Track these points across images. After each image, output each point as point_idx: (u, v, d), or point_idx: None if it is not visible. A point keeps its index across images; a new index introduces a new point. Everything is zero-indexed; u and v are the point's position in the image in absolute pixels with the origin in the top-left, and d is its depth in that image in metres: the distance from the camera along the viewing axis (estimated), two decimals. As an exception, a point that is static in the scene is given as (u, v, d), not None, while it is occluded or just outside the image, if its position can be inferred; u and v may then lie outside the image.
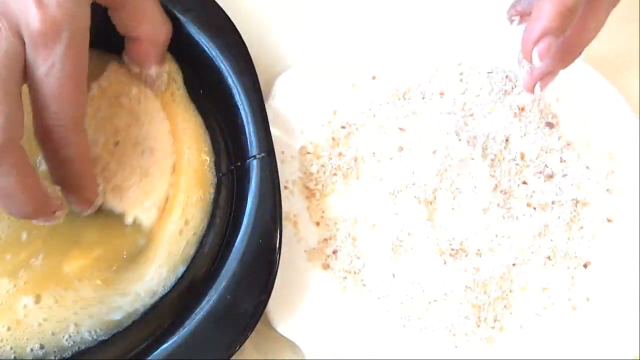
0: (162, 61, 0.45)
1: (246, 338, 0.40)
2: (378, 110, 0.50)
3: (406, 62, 0.51)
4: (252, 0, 0.53)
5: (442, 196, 0.48)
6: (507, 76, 0.50)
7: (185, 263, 0.43)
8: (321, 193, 0.48)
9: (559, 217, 0.47)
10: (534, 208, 0.48)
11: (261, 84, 0.44)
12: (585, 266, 0.46)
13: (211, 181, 0.44)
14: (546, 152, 0.49)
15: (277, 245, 0.41)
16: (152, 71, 0.44)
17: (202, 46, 0.45)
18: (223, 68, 0.44)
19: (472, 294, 0.45)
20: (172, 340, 0.39)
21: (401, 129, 0.49)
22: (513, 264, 0.46)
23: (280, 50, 0.52)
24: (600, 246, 0.47)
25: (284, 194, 0.46)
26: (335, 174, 0.48)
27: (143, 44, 0.43)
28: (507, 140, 0.49)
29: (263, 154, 0.42)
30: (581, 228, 0.47)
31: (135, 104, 0.44)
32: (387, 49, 0.51)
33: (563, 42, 0.41)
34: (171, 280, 0.42)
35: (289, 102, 0.49)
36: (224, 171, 0.44)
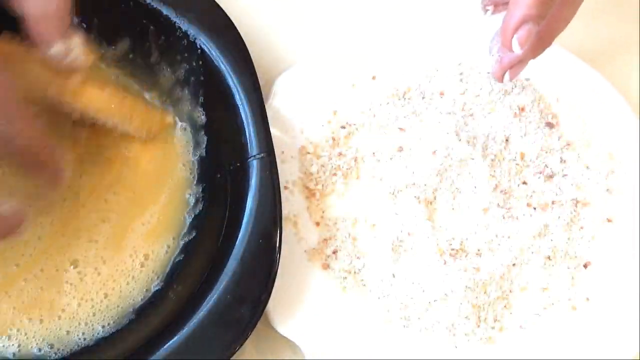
0: (65, 34, 0.39)
1: (246, 338, 0.40)
2: (378, 110, 0.50)
3: (406, 62, 0.51)
4: (252, 0, 0.53)
5: (442, 196, 0.48)
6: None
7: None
8: (321, 193, 0.48)
9: (559, 217, 0.47)
10: (534, 208, 0.48)
11: (261, 84, 0.44)
12: (585, 266, 0.46)
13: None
14: (546, 152, 0.49)
15: (277, 245, 0.41)
16: (55, 49, 0.39)
17: (202, 46, 0.45)
18: (223, 68, 0.44)
19: (472, 294, 0.45)
20: (172, 340, 0.39)
21: (401, 129, 0.49)
22: (513, 264, 0.46)
23: (280, 50, 0.52)
24: (600, 246, 0.47)
25: (284, 194, 0.46)
26: (335, 174, 0.48)
27: (34, 20, 0.38)
28: (507, 140, 0.49)
29: (263, 154, 0.42)
30: (581, 228, 0.47)
31: None
32: (387, 49, 0.51)
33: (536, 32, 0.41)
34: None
35: (289, 102, 0.49)
36: (224, 171, 0.44)
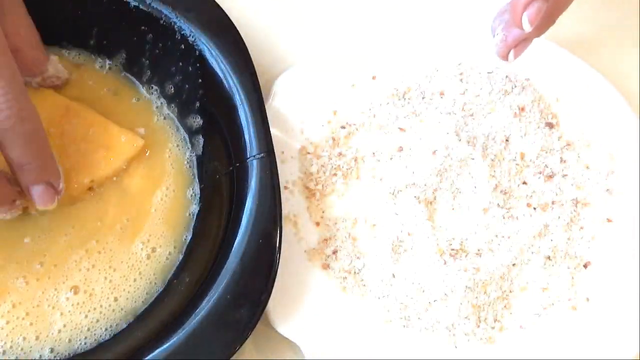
0: (46, 55, 0.42)
1: (246, 338, 0.40)
2: (378, 110, 0.50)
3: (406, 62, 0.51)
4: (252, 0, 0.53)
5: (442, 196, 0.48)
6: (507, 76, 0.50)
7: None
8: (321, 193, 0.48)
9: (559, 217, 0.47)
10: (534, 208, 0.48)
11: (261, 84, 0.44)
12: (585, 266, 0.46)
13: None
14: (546, 152, 0.49)
15: (277, 245, 0.41)
16: (51, 70, 0.42)
17: (202, 46, 0.45)
18: (223, 68, 0.44)
19: (472, 294, 0.45)
20: (172, 340, 0.39)
21: (401, 129, 0.49)
22: (513, 264, 0.46)
23: (280, 50, 0.52)
24: (600, 246, 0.47)
25: (284, 194, 0.46)
26: (335, 174, 0.48)
27: (28, 52, 0.41)
28: (507, 140, 0.49)
29: (263, 154, 0.42)
30: (581, 228, 0.47)
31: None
32: (387, 49, 0.51)
33: None
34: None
35: (289, 102, 0.49)
36: (224, 171, 0.44)
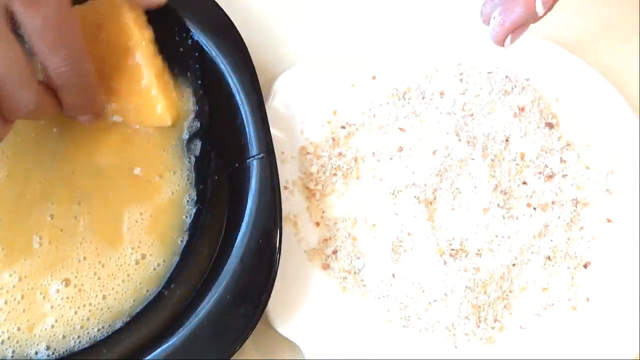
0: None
1: (246, 338, 0.40)
2: (378, 110, 0.50)
3: (406, 62, 0.51)
4: (252, 0, 0.53)
5: (442, 196, 0.48)
6: (507, 76, 0.50)
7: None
8: (321, 193, 0.48)
9: (559, 217, 0.47)
10: (534, 208, 0.48)
11: (261, 84, 0.44)
12: (585, 266, 0.46)
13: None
14: (546, 152, 0.49)
15: (277, 245, 0.41)
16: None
17: (202, 46, 0.45)
18: (223, 68, 0.44)
19: (472, 294, 0.45)
20: (172, 340, 0.39)
21: (401, 129, 0.49)
22: (513, 264, 0.46)
23: (280, 50, 0.52)
24: (600, 246, 0.47)
25: (284, 194, 0.46)
26: (335, 174, 0.48)
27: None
28: (507, 140, 0.49)
29: (263, 154, 0.42)
30: (581, 228, 0.47)
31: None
32: (387, 49, 0.51)
33: None
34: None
35: (289, 102, 0.49)
36: (224, 171, 0.44)
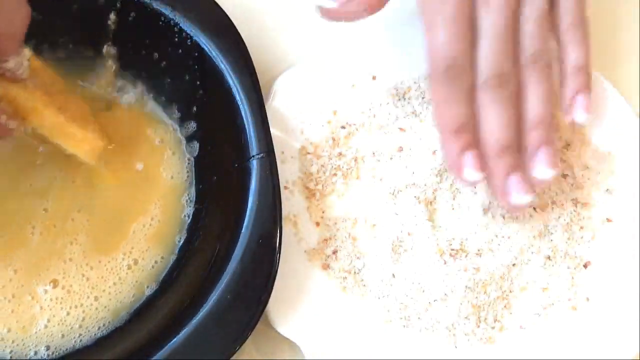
0: (20, 48, 0.40)
1: (246, 338, 0.40)
2: (378, 110, 0.50)
3: (406, 62, 0.51)
4: (253, 0, 0.53)
5: (442, 196, 0.48)
6: (507, 76, 0.50)
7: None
8: (321, 193, 0.48)
9: (559, 217, 0.47)
10: (534, 208, 0.47)
11: (261, 84, 0.44)
12: (585, 266, 0.46)
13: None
14: (546, 152, 0.49)
15: (277, 245, 0.41)
16: (11, 63, 0.40)
17: (202, 46, 0.45)
18: (223, 68, 0.44)
19: (472, 294, 0.45)
20: (173, 340, 0.39)
21: (401, 129, 0.49)
22: (513, 264, 0.46)
23: (280, 50, 0.52)
24: (600, 246, 0.47)
25: (284, 194, 0.46)
26: (335, 174, 0.48)
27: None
28: (507, 140, 0.49)
29: (263, 154, 0.42)
30: (581, 228, 0.47)
31: None
32: (387, 49, 0.51)
33: None
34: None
35: (289, 102, 0.49)
36: (224, 172, 0.44)
